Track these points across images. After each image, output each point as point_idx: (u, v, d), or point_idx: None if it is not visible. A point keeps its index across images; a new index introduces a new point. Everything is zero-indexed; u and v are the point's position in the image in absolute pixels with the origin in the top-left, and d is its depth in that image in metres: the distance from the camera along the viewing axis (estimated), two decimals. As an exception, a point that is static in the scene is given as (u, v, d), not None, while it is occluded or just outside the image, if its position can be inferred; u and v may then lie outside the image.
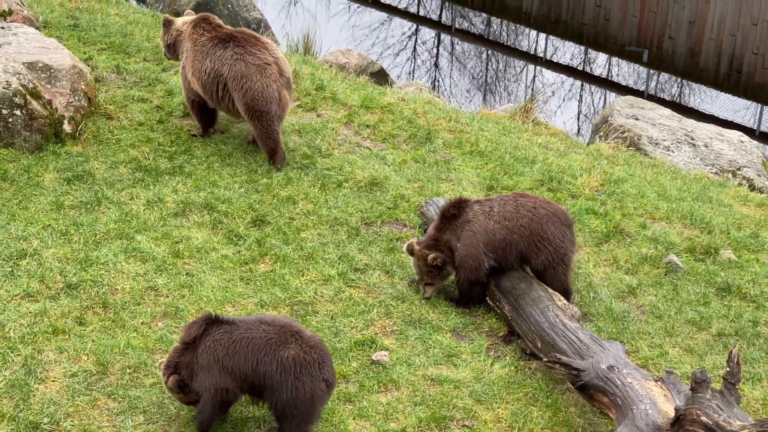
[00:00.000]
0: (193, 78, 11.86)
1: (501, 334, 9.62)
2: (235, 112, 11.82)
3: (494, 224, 9.71)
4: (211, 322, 7.88)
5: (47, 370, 8.40)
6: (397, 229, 10.93)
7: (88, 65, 12.97)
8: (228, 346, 7.76)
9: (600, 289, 10.28)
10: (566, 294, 9.77)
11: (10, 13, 13.31)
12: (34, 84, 11.52)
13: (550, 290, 9.64)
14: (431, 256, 9.72)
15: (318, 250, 10.39)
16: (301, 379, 7.72)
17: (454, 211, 9.82)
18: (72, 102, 11.81)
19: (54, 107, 11.60)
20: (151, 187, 11.08)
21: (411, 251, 9.87)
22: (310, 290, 9.78)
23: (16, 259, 9.67)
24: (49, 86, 11.75)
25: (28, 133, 11.39)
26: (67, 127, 11.66)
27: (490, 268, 9.77)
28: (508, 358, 9.27)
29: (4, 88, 11.25)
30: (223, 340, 7.77)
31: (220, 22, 12.04)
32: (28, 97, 11.38)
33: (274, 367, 7.72)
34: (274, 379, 7.72)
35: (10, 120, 11.29)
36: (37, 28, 13.41)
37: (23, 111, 11.34)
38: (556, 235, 9.72)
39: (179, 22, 12.26)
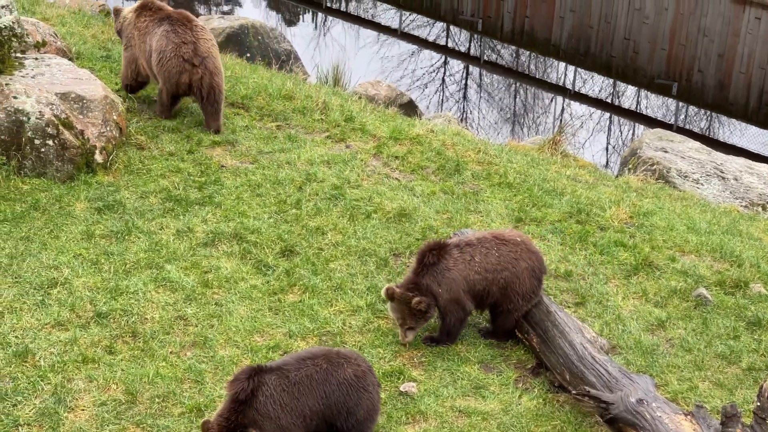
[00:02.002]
0: (143, 62, 13.03)
1: (529, 366, 9.59)
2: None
3: (474, 275, 9.61)
4: (259, 371, 7.70)
5: (77, 399, 8.44)
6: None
7: (120, 96, 13.09)
8: (291, 389, 7.70)
9: (629, 321, 10.23)
10: (507, 333, 9.88)
11: (44, 44, 13.47)
12: (66, 114, 11.64)
13: (579, 322, 9.61)
14: (416, 300, 9.43)
15: (346, 280, 10.41)
16: (367, 389, 7.97)
17: (433, 259, 9.58)
18: (103, 132, 11.92)
19: (86, 137, 11.70)
20: (181, 217, 11.14)
21: (391, 296, 9.52)
22: (339, 321, 9.79)
23: (47, 287, 9.74)
24: (81, 116, 11.87)
25: (60, 163, 11.49)
26: (98, 157, 11.76)
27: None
28: (536, 390, 9.24)
29: (37, 118, 11.37)
30: (284, 385, 7.69)
31: (160, 5, 13.09)
32: (60, 127, 11.50)
33: (344, 390, 7.85)
34: (348, 403, 7.86)
35: (43, 150, 11.40)
36: (70, 59, 13.55)
37: (55, 141, 11.45)
38: (528, 289, 9.74)
39: (126, 10, 13.45)
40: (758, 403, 7.84)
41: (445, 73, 26.29)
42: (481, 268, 9.64)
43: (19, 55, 12.19)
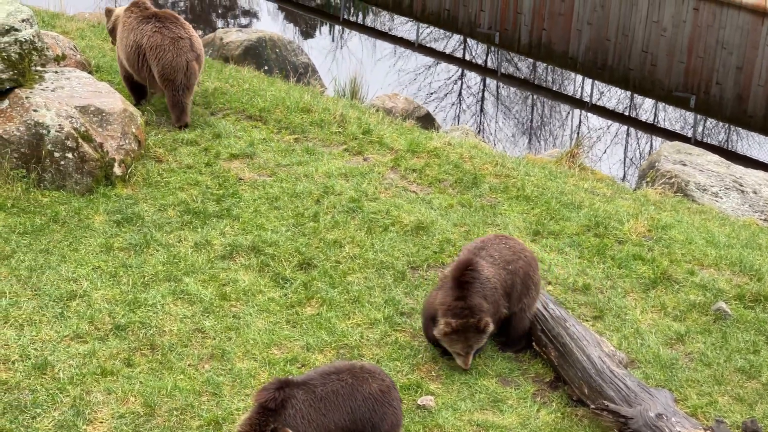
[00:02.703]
0: (122, 53, 13.42)
1: (547, 379, 9.57)
2: (152, 81, 13.31)
3: (503, 271, 9.61)
4: (288, 384, 7.68)
5: (95, 411, 8.45)
6: (443, 273, 10.92)
7: (139, 109, 13.15)
8: (317, 405, 7.68)
9: (647, 335, 10.20)
10: (523, 338, 9.87)
11: (64, 57, 13.54)
12: (86, 127, 11.69)
13: (597, 336, 9.59)
14: (484, 321, 9.31)
15: (364, 293, 10.41)
16: (392, 404, 7.95)
17: (474, 274, 9.45)
18: (122, 145, 11.97)
19: (105, 150, 11.75)
20: (199, 229, 11.17)
21: (455, 329, 9.30)
22: (356, 334, 9.79)
23: (66, 300, 9.77)
24: (100, 129, 11.92)
25: (79, 176, 11.54)
26: (117, 170, 11.81)
27: None
28: (554, 404, 9.22)
29: (56, 131, 11.43)
30: (311, 400, 7.67)
31: (148, 5, 13.55)
32: (79, 140, 11.55)
33: (370, 405, 7.83)
34: (374, 418, 7.85)
35: (62, 163, 11.45)
36: (89, 73, 13.63)
37: (75, 154, 11.50)
38: (538, 280, 9.88)
39: (117, 10, 14.04)
40: (778, 418, 7.81)
41: (462, 85, 26.30)
42: (503, 262, 9.68)
43: (39, 68, 12.26)
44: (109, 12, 14.27)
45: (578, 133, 23.50)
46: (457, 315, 9.35)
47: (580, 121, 24.58)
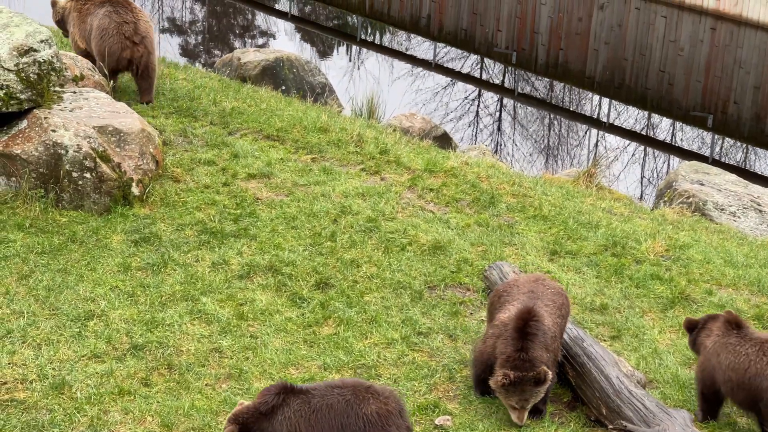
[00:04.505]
0: (80, 39, 14.34)
1: (565, 399, 9.53)
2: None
3: (559, 319, 9.37)
4: (288, 390, 7.72)
5: (113, 431, 8.46)
6: (460, 293, 10.92)
7: (156, 129, 13.20)
8: (309, 416, 7.65)
9: (665, 355, 10.15)
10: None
11: (82, 77, 13.61)
12: (104, 147, 11.75)
13: (615, 356, 9.55)
14: (542, 373, 8.86)
15: (381, 313, 10.40)
16: (388, 430, 7.74)
17: (537, 326, 9.05)
18: (140, 165, 12.02)
19: (123, 170, 11.80)
20: (217, 249, 11.19)
21: (513, 381, 8.84)
22: (374, 353, 9.78)
23: (84, 319, 9.80)
24: (118, 149, 11.98)
25: (97, 196, 11.59)
26: (135, 190, 11.85)
27: None
28: (572, 424, 9.17)
29: (74, 151, 11.49)
30: (303, 411, 7.64)
31: None
32: (98, 160, 11.61)
33: (361, 425, 7.69)
34: None
35: (80, 183, 11.51)
36: (107, 93, 13.68)
37: (93, 174, 11.55)
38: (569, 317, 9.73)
39: (62, 1, 14.73)
40: (798, 439, 7.76)
41: (479, 105, 26.33)
42: (556, 308, 9.41)
43: (57, 88, 12.33)
44: (54, 3, 14.86)
45: (595, 153, 23.48)
46: (516, 367, 8.92)
47: (598, 141, 24.57)
